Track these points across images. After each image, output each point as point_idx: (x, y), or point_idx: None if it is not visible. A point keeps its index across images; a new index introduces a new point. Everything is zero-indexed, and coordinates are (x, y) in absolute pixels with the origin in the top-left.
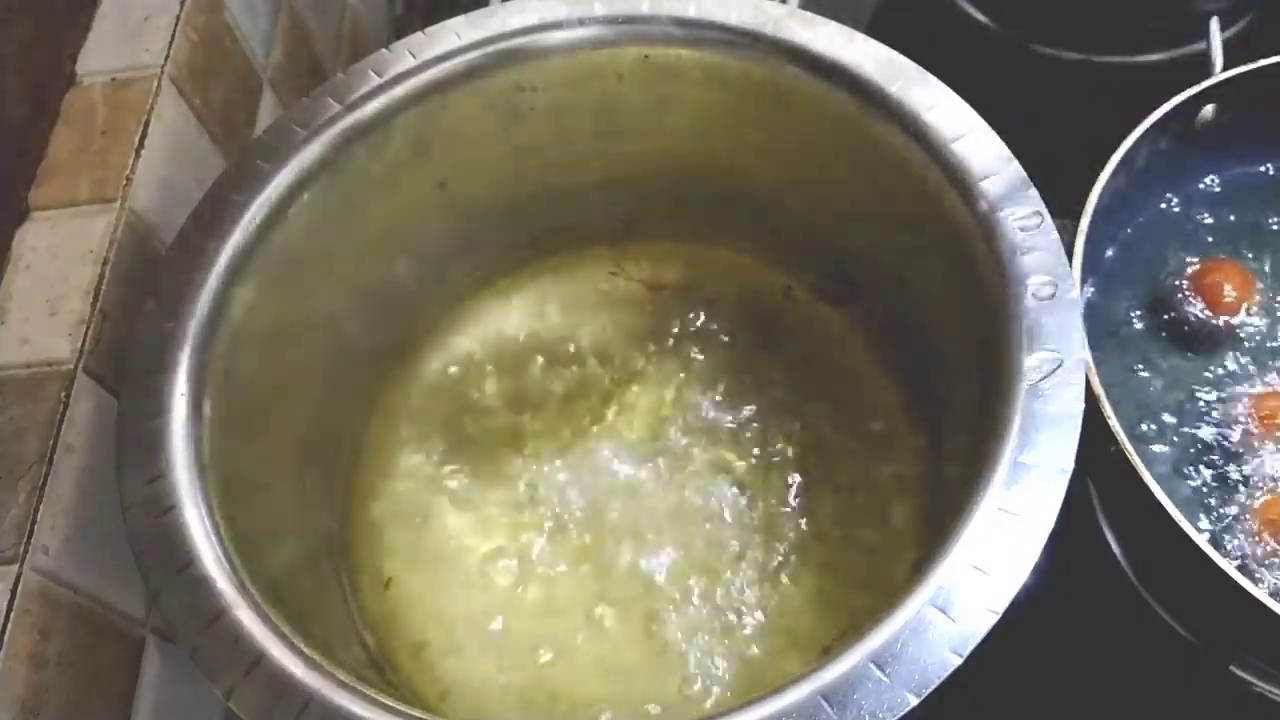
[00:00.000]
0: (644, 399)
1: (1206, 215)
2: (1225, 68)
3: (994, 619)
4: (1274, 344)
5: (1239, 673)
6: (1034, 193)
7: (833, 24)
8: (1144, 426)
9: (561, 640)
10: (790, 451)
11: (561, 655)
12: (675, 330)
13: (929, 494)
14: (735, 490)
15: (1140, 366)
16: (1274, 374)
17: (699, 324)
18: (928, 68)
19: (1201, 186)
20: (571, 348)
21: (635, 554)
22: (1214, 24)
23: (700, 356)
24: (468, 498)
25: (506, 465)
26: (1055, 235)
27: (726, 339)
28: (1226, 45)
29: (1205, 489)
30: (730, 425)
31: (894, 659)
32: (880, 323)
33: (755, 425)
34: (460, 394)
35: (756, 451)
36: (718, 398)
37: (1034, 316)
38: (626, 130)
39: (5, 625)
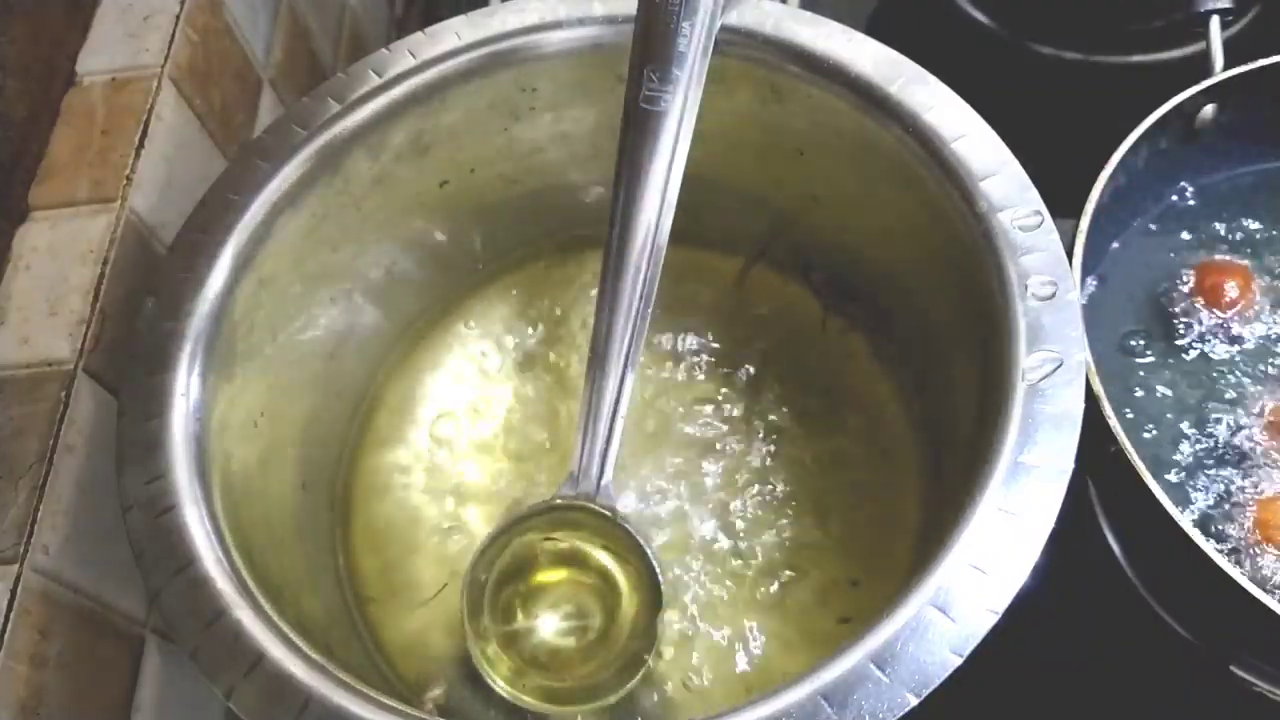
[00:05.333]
0: (643, 394)
1: (1207, 215)
2: (1225, 68)
3: (994, 619)
4: (1274, 345)
5: (1239, 673)
6: (1034, 193)
7: (833, 24)
8: (1144, 426)
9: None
10: (788, 452)
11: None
12: (675, 330)
13: (929, 494)
14: (726, 495)
15: (1141, 365)
16: (1274, 374)
17: (697, 324)
18: (928, 68)
19: (1202, 186)
20: (572, 347)
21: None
22: (1214, 24)
23: (698, 356)
24: (473, 492)
25: (510, 462)
26: (1055, 235)
27: (724, 339)
28: (1226, 45)
29: (1206, 489)
30: (724, 424)
31: (894, 659)
32: (879, 322)
33: (750, 424)
34: (462, 393)
35: (751, 451)
36: (714, 397)
37: (1034, 316)
38: None
39: (5, 625)
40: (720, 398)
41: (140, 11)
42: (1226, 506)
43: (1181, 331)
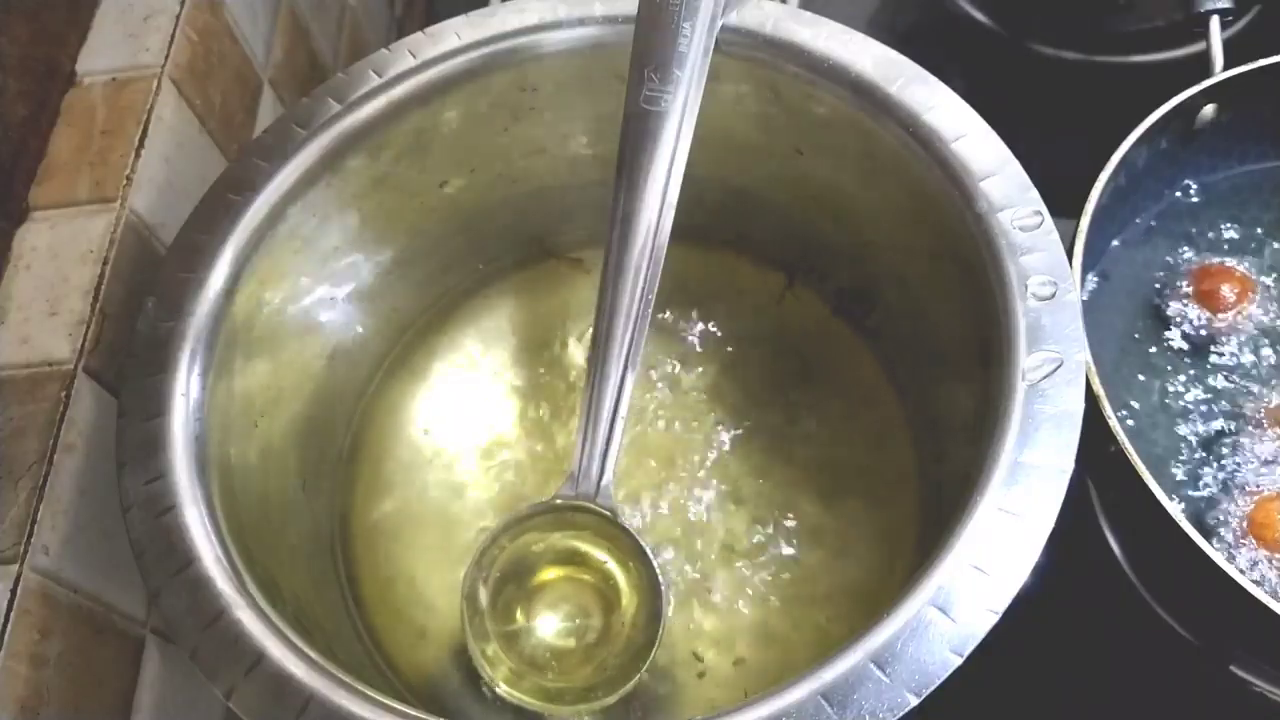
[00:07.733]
0: (642, 394)
1: (1207, 215)
2: (1225, 68)
3: (994, 619)
4: (1272, 345)
5: (1239, 673)
6: (1034, 193)
7: (833, 24)
8: (1144, 427)
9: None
10: (785, 451)
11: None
12: (676, 330)
13: (929, 494)
14: (726, 489)
15: (1140, 366)
16: (1272, 374)
17: (699, 324)
18: (928, 68)
19: (1202, 186)
20: (572, 347)
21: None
22: (1214, 24)
23: (698, 356)
24: (472, 492)
25: (509, 463)
26: (1055, 235)
27: (724, 339)
28: (1226, 45)
29: (1205, 489)
30: (723, 424)
31: (894, 659)
32: (879, 322)
33: (749, 424)
34: (461, 394)
35: (748, 451)
36: (710, 397)
37: (1034, 316)
38: None
39: (5, 625)
40: (717, 397)
41: (140, 11)
42: (1226, 506)
43: (1181, 330)
